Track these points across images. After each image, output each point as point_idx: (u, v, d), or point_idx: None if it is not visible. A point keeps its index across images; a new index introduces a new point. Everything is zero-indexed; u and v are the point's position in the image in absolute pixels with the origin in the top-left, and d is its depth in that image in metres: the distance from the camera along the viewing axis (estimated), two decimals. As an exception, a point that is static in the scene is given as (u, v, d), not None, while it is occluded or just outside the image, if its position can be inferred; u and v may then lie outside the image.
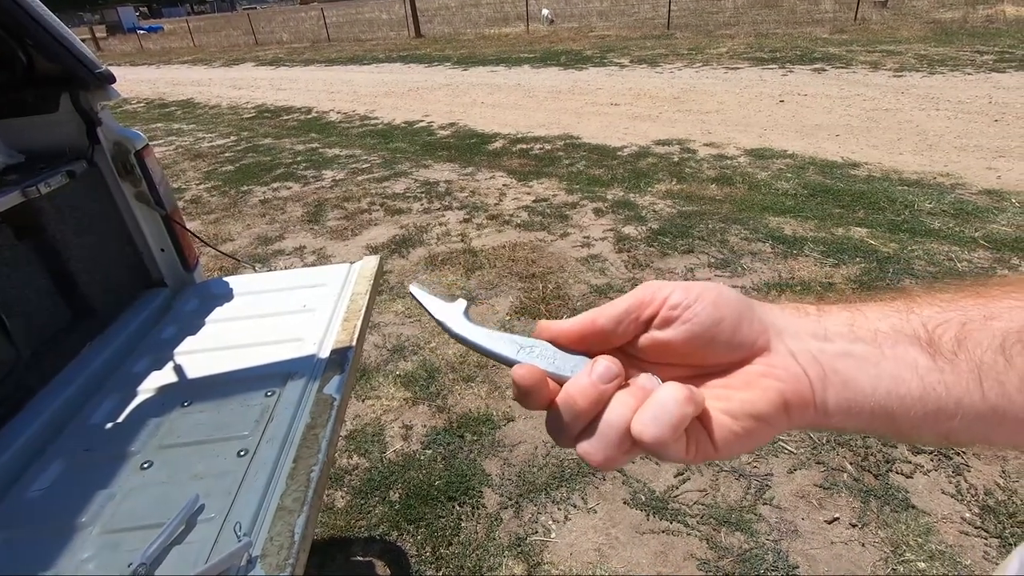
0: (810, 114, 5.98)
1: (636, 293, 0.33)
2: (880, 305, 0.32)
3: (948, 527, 1.72)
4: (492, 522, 1.87)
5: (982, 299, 0.30)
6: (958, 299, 0.31)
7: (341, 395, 1.01)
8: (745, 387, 0.31)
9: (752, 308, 0.32)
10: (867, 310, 0.32)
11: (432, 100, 8.39)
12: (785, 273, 3.05)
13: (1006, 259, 3.02)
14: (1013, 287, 0.30)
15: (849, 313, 0.32)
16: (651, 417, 0.28)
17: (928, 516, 1.75)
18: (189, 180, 5.70)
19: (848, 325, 0.31)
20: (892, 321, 0.31)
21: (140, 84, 13.76)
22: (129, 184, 1.40)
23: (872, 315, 0.31)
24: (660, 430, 0.28)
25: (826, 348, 0.31)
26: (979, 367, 0.28)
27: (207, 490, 0.85)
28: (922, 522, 1.73)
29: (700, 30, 13.23)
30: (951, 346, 0.29)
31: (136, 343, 1.29)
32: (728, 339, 0.31)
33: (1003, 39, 9.20)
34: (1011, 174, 4.09)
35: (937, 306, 0.30)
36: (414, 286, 0.38)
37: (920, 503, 1.79)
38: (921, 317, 0.30)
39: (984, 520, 1.72)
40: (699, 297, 0.32)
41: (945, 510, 1.76)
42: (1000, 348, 0.28)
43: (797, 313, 0.33)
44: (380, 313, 3.02)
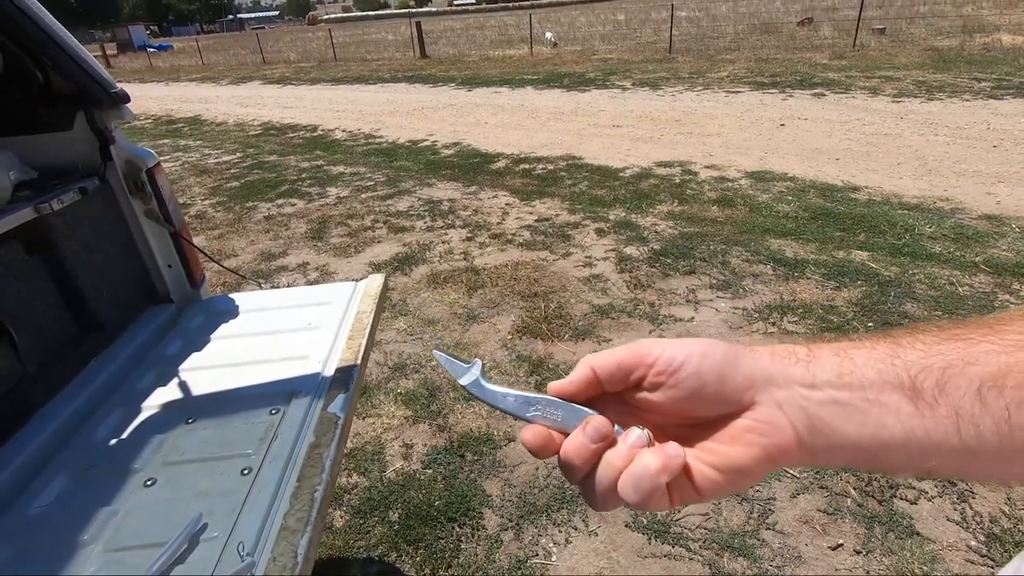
0: (810, 138, 6.04)
1: (629, 351, 0.36)
2: (867, 351, 0.33)
3: (954, 555, 1.70)
4: (492, 544, 1.85)
5: (962, 343, 0.31)
6: (940, 342, 0.32)
7: (345, 414, 1.02)
8: (730, 442, 0.34)
9: (737, 366, 0.34)
10: (855, 355, 0.33)
11: (436, 119, 8.50)
12: (787, 295, 3.06)
13: (1007, 284, 3.03)
14: (990, 329, 0.31)
15: (838, 359, 0.33)
16: (632, 486, 0.33)
17: (933, 544, 1.73)
18: (195, 196, 5.75)
19: (836, 372, 0.33)
20: (878, 367, 0.32)
21: (149, 101, 13.95)
22: (139, 201, 1.42)
23: (859, 361, 0.33)
24: (639, 496, 0.33)
25: (814, 396, 0.33)
26: (957, 413, 0.30)
27: (211, 508, 0.85)
28: (927, 549, 1.71)
29: (701, 54, 13.44)
30: (932, 392, 0.30)
31: (141, 358, 1.29)
32: (712, 400, 0.34)
33: (1000, 66, 9.34)
34: (1010, 199, 4.13)
35: (920, 350, 0.32)
36: (438, 352, 0.44)
37: (925, 530, 1.77)
38: (905, 362, 0.32)
39: (990, 548, 1.70)
40: (683, 365, 0.34)
41: (951, 538, 1.75)
42: (976, 393, 0.29)
43: (788, 359, 0.34)
44: (382, 331, 3.02)
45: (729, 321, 2.88)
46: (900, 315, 2.80)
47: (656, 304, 3.07)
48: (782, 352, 0.35)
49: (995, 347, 0.30)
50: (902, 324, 2.74)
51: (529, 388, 2.52)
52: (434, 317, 3.13)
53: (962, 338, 0.31)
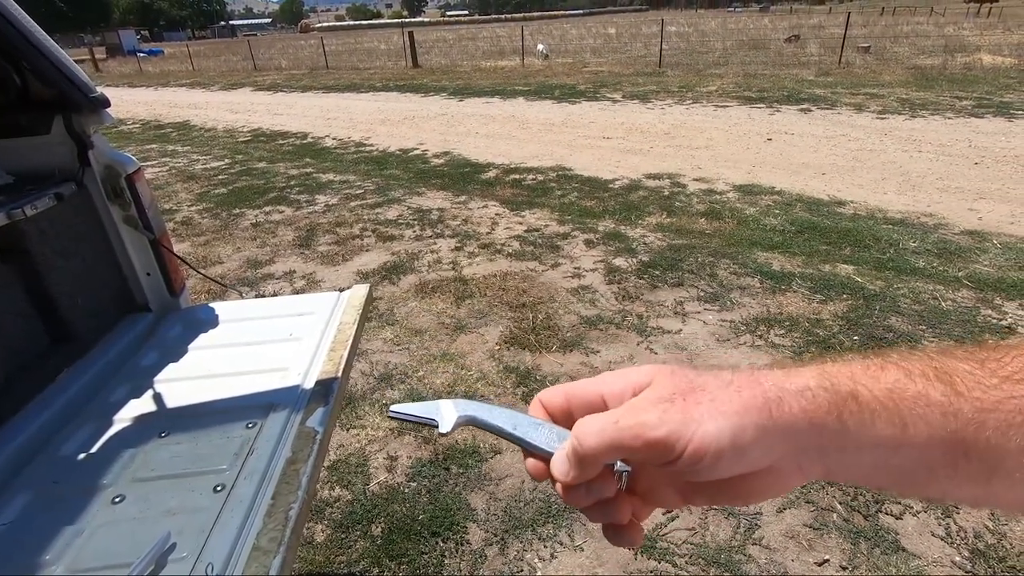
0: (797, 152, 6.12)
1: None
2: (921, 403, 0.30)
3: (939, 571, 1.69)
4: (476, 559, 1.82)
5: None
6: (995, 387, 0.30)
7: (324, 428, 0.99)
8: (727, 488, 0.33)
9: (768, 448, 0.31)
10: (904, 408, 0.30)
11: (427, 129, 8.51)
12: (774, 308, 3.07)
13: (989, 299, 3.07)
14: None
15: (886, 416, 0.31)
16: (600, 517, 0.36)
17: (918, 559, 1.72)
18: (181, 201, 5.69)
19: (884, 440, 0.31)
20: (929, 424, 0.30)
21: (137, 105, 13.84)
22: (118, 207, 1.39)
23: (909, 419, 0.30)
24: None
25: (844, 460, 0.31)
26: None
27: (180, 527, 0.82)
28: (912, 565, 1.71)
29: (690, 68, 13.62)
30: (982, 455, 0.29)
31: (116, 370, 1.25)
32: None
33: (981, 85, 9.56)
34: (992, 216, 4.20)
35: (976, 399, 0.30)
36: (393, 410, 0.39)
37: (910, 546, 1.77)
38: (959, 419, 0.30)
39: (975, 564, 1.70)
40: (714, 460, 0.31)
41: (935, 553, 1.74)
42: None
43: (826, 419, 0.33)
44: (368, 340, 2.99)
45: (716, 334, 2.88)
46: (885, 329, 2.82)
47: (644, 316, 3.07)
48: (820, 411, 0.30)
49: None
50: (887, 339, 2.76)
51: (516, 400, 2.50)
52: (421, 327, 3.10)
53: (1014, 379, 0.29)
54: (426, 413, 0.38)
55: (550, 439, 0.36)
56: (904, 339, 2.74)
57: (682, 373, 0.33)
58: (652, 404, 0.31)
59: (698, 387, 0.31)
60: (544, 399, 0.38)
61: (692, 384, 0.32)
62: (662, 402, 0.31)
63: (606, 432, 0.31)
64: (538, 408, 0.38)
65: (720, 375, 0.32)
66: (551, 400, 0.38)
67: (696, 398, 0.31)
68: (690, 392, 0.31)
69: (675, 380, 0.32)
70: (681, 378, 0.32)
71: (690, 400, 0.31)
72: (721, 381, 0.32)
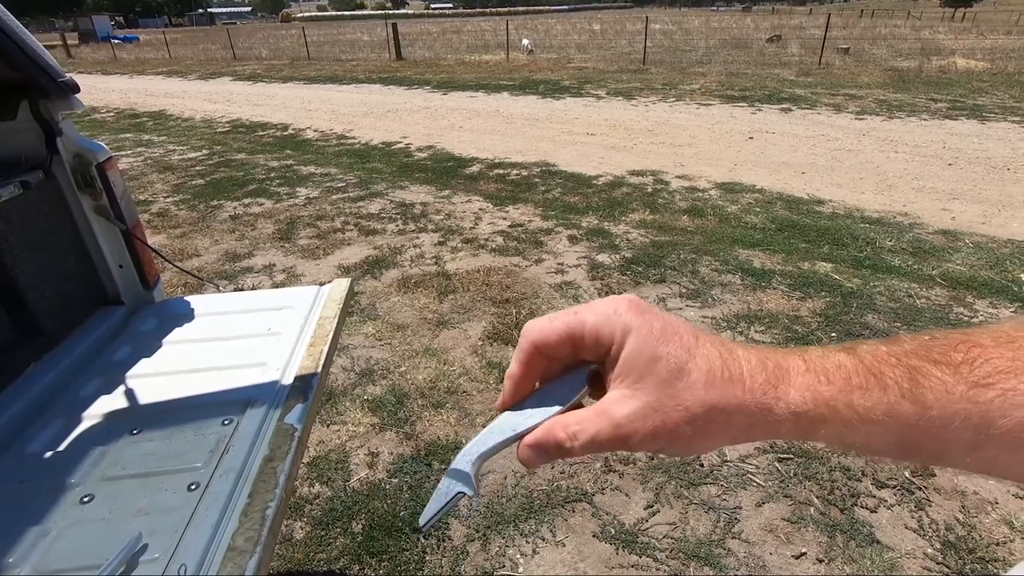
0: (777, 151, 6.20)
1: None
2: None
3: (912, 563, 1.73)
4: (458, 555, 1.81)
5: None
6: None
7: (303, 425, 0.97)
8: None
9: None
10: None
11: (411, 122, 8.43)
12: (754, 305, 3.10)
13: (961, 297, 3.15)
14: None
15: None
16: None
17: (892, 551, 1.76)
18: (157, 192, 5.55)
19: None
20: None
21: (111, 93, 13.47)
22: (88, 197, 1.34)
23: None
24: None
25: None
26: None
27: (152, 528, 0.79)
28: (886, 557, 1.75)
29: (674, 66, 13.70)
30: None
31: (86, 364, 1.21)
32: None
33: (955, 88, 9.79)
34: (964, 215, 4.30)
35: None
36: (421, 524, 0.36)
37: (884, 538, 1.80)
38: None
39: (946, 556, 1.74)
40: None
41: (908, 545, 1.78)
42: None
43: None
44: (350, 335, 2.95)
45: (698, 330, 2.90)
46: (862, 326, 2.88)
47: (627, 312, 3.08)
48: (793, 434, 0.32)
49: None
50: (863, 335, 2.81)
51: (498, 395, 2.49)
52: (404, 322, 3.07)
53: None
54: (448, 495, 0.35)
55: (540, 411, 0.35)
56: (880, 336, 2.79)
57: (660, 338, 0.32)
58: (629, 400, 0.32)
59: (680, 370, 0.32)
60: (543, 343, 0.34)
61: (672, 364, 0.32)
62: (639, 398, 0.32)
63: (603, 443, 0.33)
64: (533, 355, 0.35)
65: (708, 359, 0.32)
66: (554, 345, 0.34)
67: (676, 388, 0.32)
68: (670, 380, 0.32)
69: (653, 346, 0.32)
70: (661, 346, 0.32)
71: (669, 391, 0.31)
72: (706, 371, 0.32)
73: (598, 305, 0.34)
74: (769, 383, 0.31)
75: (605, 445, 0.32)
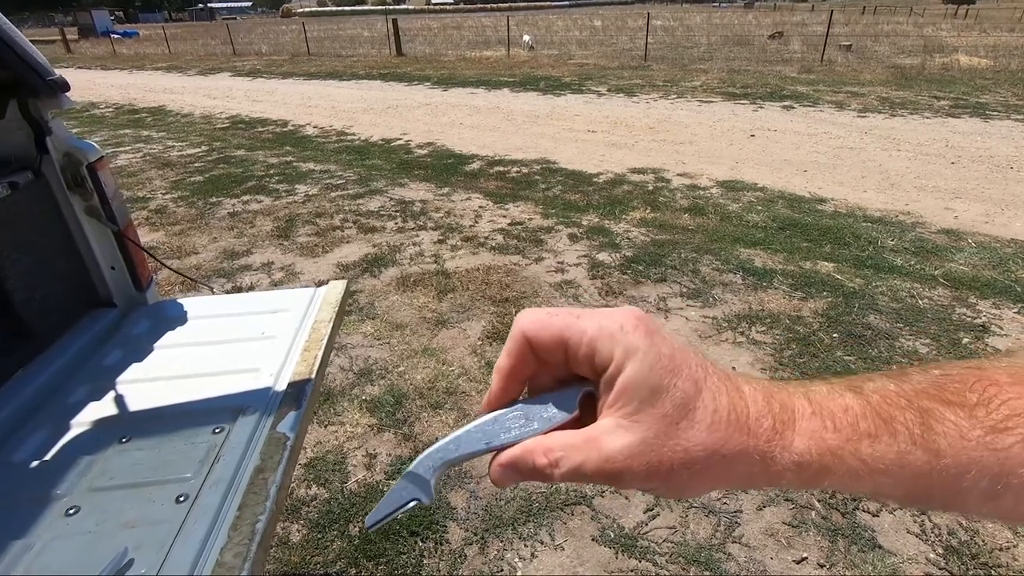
0: (779, 149, 6.16)
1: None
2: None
3: (914, 568, 1.71)
4: (456, 559, 1.79)
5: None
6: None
7: (296, 434, 0.94)
8: None
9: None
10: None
11: (411, 119, 8.39)
12: (755, 305, 3.08)
13: (964, 297, 3.12)
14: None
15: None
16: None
17: (894, 556, 1.74)
18: (155, 189, 5.53)
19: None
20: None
21: (110, 89, 13.42)
22: (79, 197, 1.32)
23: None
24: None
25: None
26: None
27: (138, 541, 0.77)
28: (888, 562, 1.73)
29: (675, 63, 13.64)
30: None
31: (75, 369, 1.19)
32: None
33: (958, 86, 9.73)
34: (967, 215, 4.27)
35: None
36: (368, 521, 0.34)
37: (886, 543, 1.78)
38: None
39: (948, 561, 1.72)
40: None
41: (911, 550, 1.76)
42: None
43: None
44: (348, 335, 2.93)
45: (699, 330, 2.88)
46: (864, 327, 2.85)
47: (627, 312, 3.06)
48: (796, 484, 0.30)
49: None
50: (865, 336, 2.78)
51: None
52: (403, 321, 3.05)
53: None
54: (401, 500, 0.33)
55: (521, 426, 0.32)
56: (882, 336, 2.77)
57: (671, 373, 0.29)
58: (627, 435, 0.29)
59: (686, 408, 0.29)
60: (534, 337, 0.32)
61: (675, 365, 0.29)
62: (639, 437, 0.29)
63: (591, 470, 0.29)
64: (522, 347, 0.32)
65: (716, 397, 0.29)
66: (545, 343, 0.31)
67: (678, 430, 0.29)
68: (674, 420, 0.29)
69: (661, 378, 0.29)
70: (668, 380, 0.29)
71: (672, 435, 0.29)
72: (711, 413, 0.29)
73: (603, 317, 0.31)
74: (775, 429, 0.29)
75: (590, 477, 0.30)
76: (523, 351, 0.32)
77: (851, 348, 2.70)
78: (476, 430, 0.33)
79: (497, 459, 0.32)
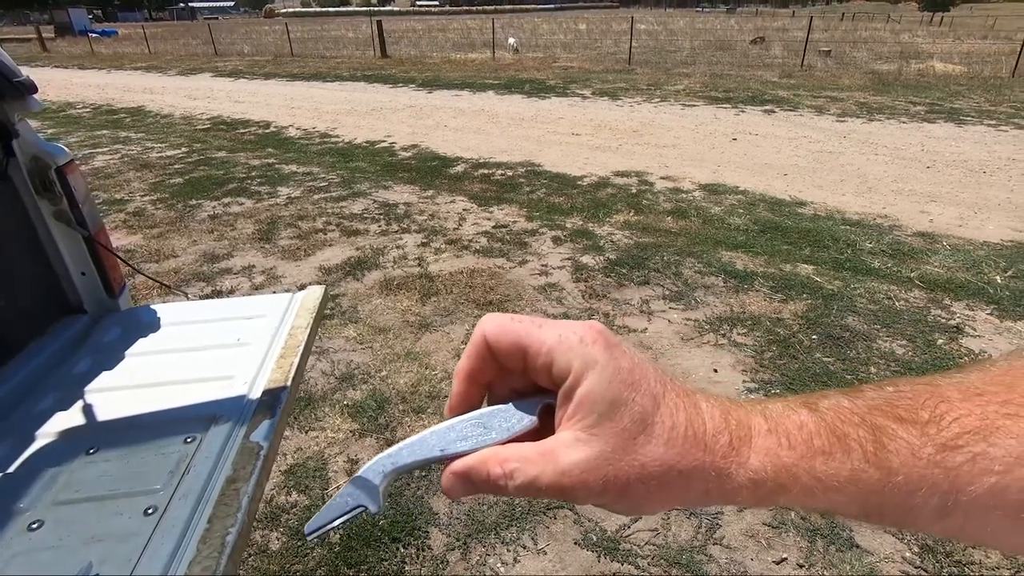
0: (760, 153, 6.24)
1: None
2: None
3: (890, 567, 1.74)
4: (437, 565, 1.78)
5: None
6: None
7: (269, 443, 0.93)
8: None
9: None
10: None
11: (395, 121, 8.35)
12: (737, 307, 3.11)
13: (939, 299, 3.18)
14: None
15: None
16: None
17: (871, 556, 1.77)
18: (134, 191, 5.43)
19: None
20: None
21: (88, 88, 13.17)
22: (47, 202, 1.29)
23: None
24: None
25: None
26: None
27: (104, 556, 0.75)
28: (866, 561, 1.75)
29: (659, 67, 13.77)
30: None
31: (42, 378, 1.16)
32: None
33: (933, 92, 9.95)
34: (942, 218, 4.36)
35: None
36: (307, 529, 0.32)
37: (864, 542, 1.81)
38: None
39: (924, 559, 1.75)
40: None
41: (887, 549, 1.79)
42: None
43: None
44: (330, 338, 2.90)
45: (681, 332, 2.90)
46: (842, 328, 2.89)
47: (611, 314, 3.07)
48: (752, 502, 0.30)
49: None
50: (844, 338, 2.83)
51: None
52: (385, 325, 3.03)
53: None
54: (346, 506, 0.32)
55: (479, 435, 0.32)
56: (860, 338, 2.81)
57: (628, 383, 0.29)
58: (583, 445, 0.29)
59: (641, 424, 0.29)
60: (494, 341, 0.31)
61: (636, 416, 0.29)
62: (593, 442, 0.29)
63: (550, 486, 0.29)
64: (482, 350, 0.32)
65: (673, 413, 0.29)
66: (505, 348, 0.31)
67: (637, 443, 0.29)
68: (634, 435, 0.29)
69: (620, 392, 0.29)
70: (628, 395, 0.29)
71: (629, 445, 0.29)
72: (668, 426, 0.29)
73: (563, 328, 0.30)
74: (731, 446, 0.28)
75: (544, 492, 0.29)
76: (483, 354, 0.32)
77: (830, 350, 2.73)
78: (432, 436, 0.32)
79: (450, 467, 0.31)
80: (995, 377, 0.28)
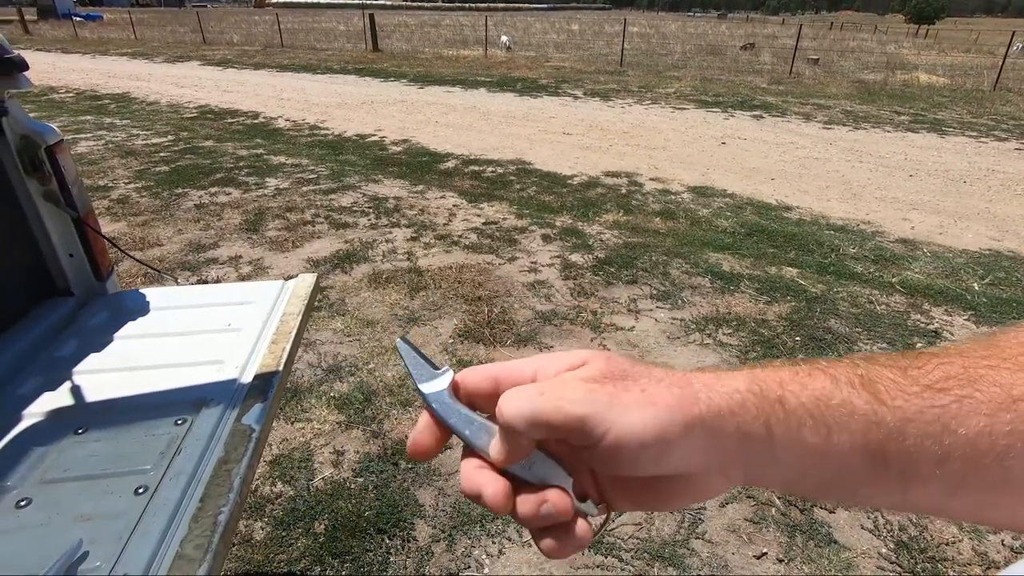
0: (749, 157, 6.32)
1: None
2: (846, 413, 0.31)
3: (867, 562, 1.78)
4: (423, 556, 1.79)
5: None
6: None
7: (261, 426, 0.93)
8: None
9: (689, 451, 0.31)
10: (831, 419, 0.30)
11: (386, 115, 8.31)
12: (723, 308, 3.15)
13: (919, 304, 3.26)
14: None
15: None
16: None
17: (849, 551, 1.81)
18: (118, 178, 5.34)
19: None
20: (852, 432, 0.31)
21: (71, 73, 12.91)
22: (36, 182, 1.27)
23: (835, 427, 0.31)
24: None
25: (770, 471, 0.32)
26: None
27: (94, 535, 0.75)
28: (843, 557, 1.79)
29: (650, 69, 13.86)
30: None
31: (29, 359, 1.14)
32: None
33: (917, 102, 10.15)
34: (923, 225, 4.46)
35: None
36: (402, 342, 0.35)
37: (842, 538, 1.85)
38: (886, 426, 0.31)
39: (899, 555, 1.80)
40: (634, 454, 0.31)
41: (864, 545, 1.83)
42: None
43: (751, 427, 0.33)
44: (318, 331, 2.89)
45: (668, 332, 2.94)
46: (825, 330, 2.95)
47: (599, 312, 3.09)
48: (747, 416, 0.29)
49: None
50: (826, 340, 2.88)
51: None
52: (373, 318, 3.02)
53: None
54: (422, 367, 0.34)
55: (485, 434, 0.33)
56: (842, 340, 2.87)
57: (617, 360, 0.31)
58: (580, 382, 0.30)
59: (630, 376, 0.30)
60: (467, 382, 0.33)
61: (625, 372, 0.30)
62: (591, 382, 0.30)
63: (529, 402, 0.29)
64: (455, 390, 0.33)
65: (653, 370, 0.31)
66: (476, 384, 0.33)
67: (626, 386, 0.30)
68: (621, 379, 0.30)
69: (609, 365, 0.31)
70: (615, 364, 0.31)
71: (620, 386, 0.30)
72: (654, 375, 0.31)
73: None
74: (716, 393, 0.31)
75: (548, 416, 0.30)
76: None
77: (812, 351, 2.79)
78: (483, 424, 0.33)
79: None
80: (974, 343, 0.30)
